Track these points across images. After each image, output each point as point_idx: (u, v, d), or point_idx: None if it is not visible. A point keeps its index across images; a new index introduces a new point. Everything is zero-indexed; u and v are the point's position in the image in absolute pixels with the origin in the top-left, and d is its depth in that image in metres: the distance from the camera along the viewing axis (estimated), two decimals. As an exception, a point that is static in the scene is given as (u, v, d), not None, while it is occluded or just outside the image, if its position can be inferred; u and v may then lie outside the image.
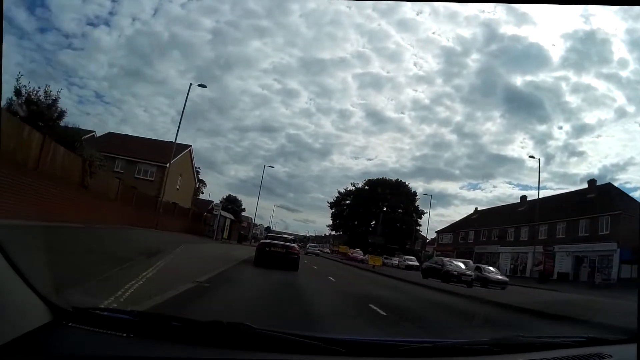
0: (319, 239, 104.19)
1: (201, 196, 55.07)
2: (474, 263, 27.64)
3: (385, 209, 59.09)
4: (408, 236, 58.66)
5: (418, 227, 61.16)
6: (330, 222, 68.12)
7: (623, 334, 1.96)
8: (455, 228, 55.99)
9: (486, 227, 48.01)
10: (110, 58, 65.70)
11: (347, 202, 64.53)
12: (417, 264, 37.30)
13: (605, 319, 6.70)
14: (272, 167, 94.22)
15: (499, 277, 22.38)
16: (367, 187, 62.04)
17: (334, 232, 69.50)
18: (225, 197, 63.86)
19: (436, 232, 60.19)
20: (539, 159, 33.61)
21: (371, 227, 57.64)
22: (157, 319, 1.35)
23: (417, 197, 61.06)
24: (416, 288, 14.79)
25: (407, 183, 62.38)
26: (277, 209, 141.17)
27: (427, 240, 63.84)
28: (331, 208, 66.02)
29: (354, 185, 65.01)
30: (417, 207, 60.75)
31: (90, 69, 66.30)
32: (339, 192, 66.90)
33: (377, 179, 62.36)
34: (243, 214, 66.81)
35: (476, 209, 57.79)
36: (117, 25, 65.52)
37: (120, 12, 66.71)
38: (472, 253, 44.70)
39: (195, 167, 43.68)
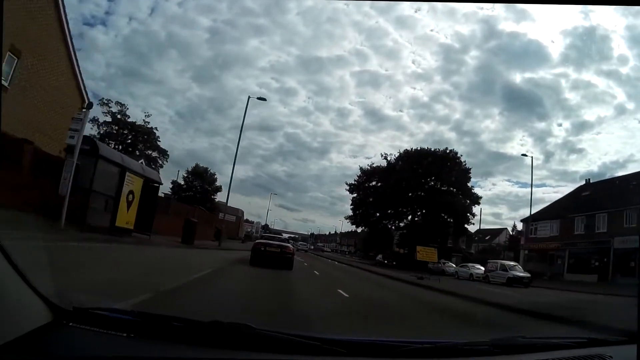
0: (323, 238, 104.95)
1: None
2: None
3: (426, 192, 42.66)
4: (460, 231, 43.36)
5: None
6: (343, 219, 53.94)
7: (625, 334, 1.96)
8: (559, 212, 34.53)
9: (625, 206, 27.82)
10: (108, 58, 65.19)
11: (373, 183, 46.71)
12: (526, 275, 23.51)
13: None
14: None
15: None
16: (403, 161, 43.70)
17: (354, 227, 52.85)
18: (190, 169, 48.24)
19: (522, 220, 39.64)
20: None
21: (407, 219, 45.24)
22: (158, 319, 1.35)
23: (470, 176, 43.95)
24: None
25: (458, 154, 43.68)
26: (277, 208, 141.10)
27: (511, 235, 47.85)
28: (351, 192, 47.84)
29: (385, 158, 45.59)
30: (471, 190, 43.37)
31: (88, 69, 65.28)
32: (361, 169, 48.17)
33: (418, 150, 44.26)
34: (242, 212, 63.19)
35: (587, 180, 38.00)
36: (114, 25, 65.18)
37: (116, 11, 65.96)
38: (605, 250, 27.85)
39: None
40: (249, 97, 27.85)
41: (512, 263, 26.22)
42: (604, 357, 1.59)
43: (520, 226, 43.08)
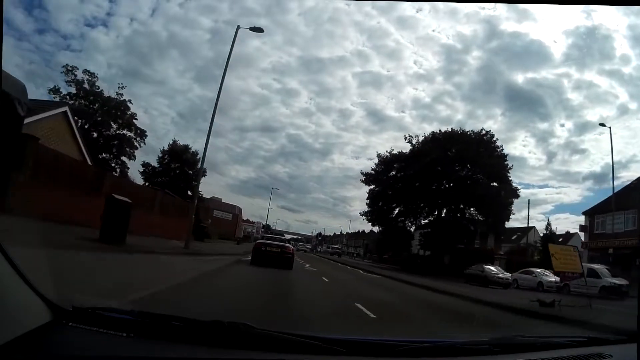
0: (327, 239, 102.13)
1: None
2: None
3: (456, 183, 35.46)
4: (496, 229, 36.01)
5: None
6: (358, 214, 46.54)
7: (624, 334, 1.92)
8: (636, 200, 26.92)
9: None
10: (109, 59, 63.80)
11: (393, 173, 39.33)
12: (623, 282, 18.40)
13: None
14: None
15: None
16: (429, 146, 36.01)
17: (369, 225, 45.72)
18: (165, 148, 39.21)
19: (584, 213, 31.93)
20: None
21: (431, 215, 38.26)
22: (158, 319, 1.34)
23: (507, 164, 35.70)
24: None
25: (494, 138, 36.18)
26: (279, 209, 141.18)
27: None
28: (366, 184, 40.29)
29: (409, 141, 38.18)
30: (509, 181, 35.41)
31: (89, 69, 55.70)
32: (379, 156, 40.01)
33: (447, 132, 36.72)
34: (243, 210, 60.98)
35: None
36: (115, 26, 63.98)
37: (117, 12, 64.46)
38: None
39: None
40: (238, 27, 18.21)
41: (597, 266, 19.44)
42: (604, 356, 1.58)
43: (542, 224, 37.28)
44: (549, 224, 36.55)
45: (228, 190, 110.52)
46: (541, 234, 36.14)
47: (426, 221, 39.17)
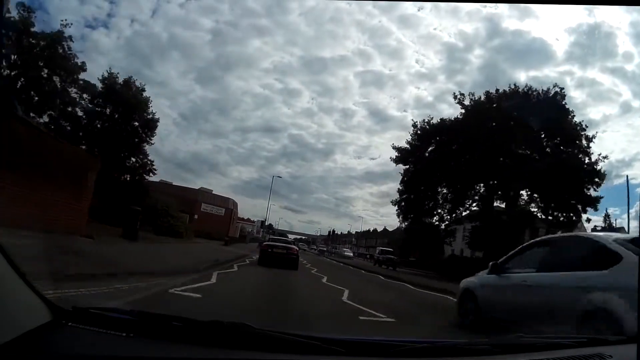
0: (344, 239, 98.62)
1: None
2: None
3: (519, 159, 26.43)
4: (570, 220, 26.89)
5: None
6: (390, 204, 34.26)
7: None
8: None
9: None
10: (110, 60, 63.19)
11: (432, 147, 30.54)
12: None
13: None
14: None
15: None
16: (483, 108, 27.61)
17: (400, 220, 34.74)
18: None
19: None
20: None
21: (488, 202, 29.28)
22: (157, 319, 1.34)
23: (586, 135, 26.69)
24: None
25: (563, 102, 27.05)
26: (281, 210, 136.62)
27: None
28: (397, 163, 31.59)
29: (460, 102, 29.42)
30: (589, 157, 26.31)
31: (90, 71, 49.57)
32: (414, 125, 30.97)
33: (506, 93, 27.81)
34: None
35: None
36: (115, 27, 63.39)
37: (118, 13, 63.93)
38: None
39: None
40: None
41: None
42: (604, 356, 1.56)
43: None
44: (607, 215, 33.48)
45: (230, 191, 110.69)
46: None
47: (463, 213, 30.54)
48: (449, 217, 31.88)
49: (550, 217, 27.11)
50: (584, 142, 26.52)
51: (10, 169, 8.82)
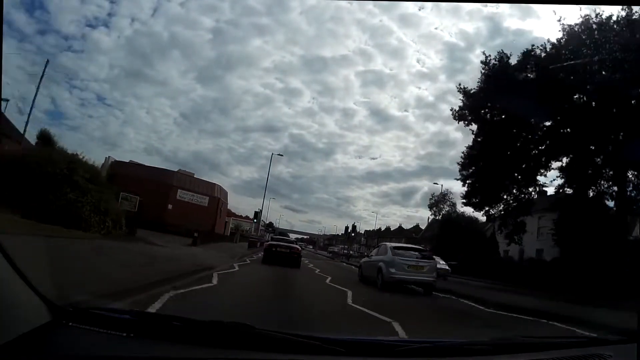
0: (339, 239, 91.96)
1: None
2: None
3: None
4: None
5: None
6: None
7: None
8: None
9: None
10: (111, 59, 62.77)
11: (532, 76, 17.96)
12: None
13: None
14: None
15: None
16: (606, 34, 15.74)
17: (465, 198, 21.60)
18: None
19: None
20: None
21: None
22: (157, 319, 1.37)
23: None
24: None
25: None
26: (281, 209, 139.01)
27: None
28: (461, 120, 20.58)
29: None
30: None
31: (91, 70, 63.83)
32: (485, 62, 19.05)
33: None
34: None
35: None
36: (116, 26, 63.01)
37: (118, 12, 63.29)
38: None
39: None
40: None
41: None
42: (603, 356, 1.57)
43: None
44: None
45: (231, 191, 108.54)
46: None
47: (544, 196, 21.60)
48: (519, 201, 20.62)
49: None
50: None
51: None
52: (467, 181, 20.89)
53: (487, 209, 21.19)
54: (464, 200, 21.56)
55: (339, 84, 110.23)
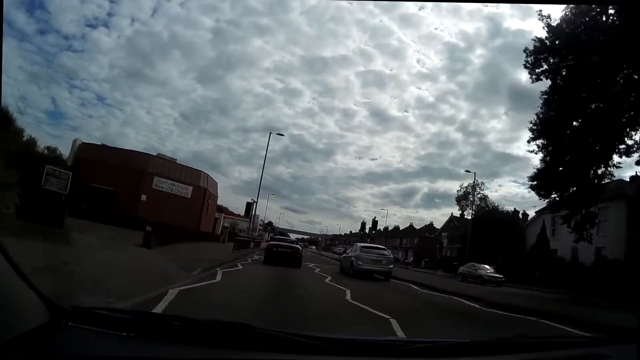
0: (342, 239, 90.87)
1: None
2: None
3: None
4: None
5: None
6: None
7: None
8: None
9: None
10: (111, 59, 61.83)
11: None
12: None
13: None
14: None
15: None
16: None
17: (536, 179, 16.24)
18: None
19: None
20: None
21: None
22: (157, 319, 1.34)
23: None
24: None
25: None
26: (282, 209, 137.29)
27: None
28: (533, 75, 15.49)
29: None
30: None
31: (91, 70, 62.44)
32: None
33: None
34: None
35: None
36: (116, 26, 61.98)
37: (118, 12, 62.31)
38: None
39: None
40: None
41: None
42: (604, 356, 1.55)
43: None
44: None
45: (231, 191, 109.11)
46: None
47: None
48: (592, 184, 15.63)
49: None
50: None
51: None
52: (543, 153, 15.58)
53: (557, 194, 15.91)
54: (534, 183, 16.30)
55: (339, 84, 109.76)
